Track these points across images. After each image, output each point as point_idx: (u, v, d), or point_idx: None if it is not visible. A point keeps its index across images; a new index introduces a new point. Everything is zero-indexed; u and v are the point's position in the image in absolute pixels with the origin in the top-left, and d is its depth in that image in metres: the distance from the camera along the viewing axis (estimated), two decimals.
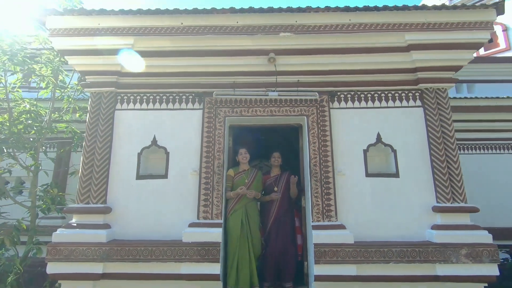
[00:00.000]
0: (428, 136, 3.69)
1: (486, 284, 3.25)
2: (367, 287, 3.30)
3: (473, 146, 6.25)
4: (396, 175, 3.64)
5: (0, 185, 4.81)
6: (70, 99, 5.33)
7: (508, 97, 6.08)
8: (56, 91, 5.20)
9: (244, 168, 3.96)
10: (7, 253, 4.45)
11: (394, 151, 3.70)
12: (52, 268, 3.36)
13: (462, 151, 6.19)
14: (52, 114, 5.13)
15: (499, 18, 10.18)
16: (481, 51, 10.85)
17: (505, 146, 6.21)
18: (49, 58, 4.97)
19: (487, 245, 3.23)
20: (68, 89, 5.42)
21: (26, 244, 4.56)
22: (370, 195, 3.59)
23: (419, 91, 3.84)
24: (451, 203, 3.47)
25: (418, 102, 3.82)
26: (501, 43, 10.41)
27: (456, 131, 6.08)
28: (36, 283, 4.90)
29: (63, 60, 4.92)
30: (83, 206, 3.61)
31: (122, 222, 3.63)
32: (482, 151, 6.25)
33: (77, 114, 5.63)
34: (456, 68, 3.78)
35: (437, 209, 3.46)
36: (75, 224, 3.54)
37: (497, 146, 6.24)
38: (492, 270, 3.18)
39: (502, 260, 4.32)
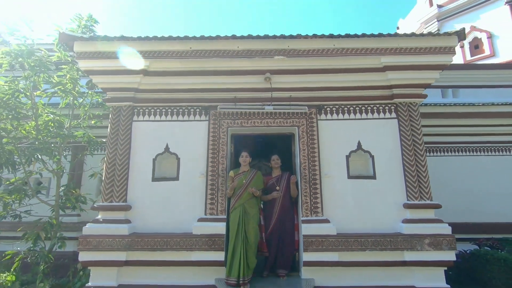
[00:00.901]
0: (401, 144, 4.34)
1: (445, 268, 3.91)
2: (347, 271, 3.95)
3: (448, 149, 6.91)
4: (373, 177, 4.28)
5: (33, 187, 5.44)
6: (86, 108, 5.92)
7: (476, 104, 6.70)
8: (75, 102, 5.81)
9: (244, 169, 4.35)
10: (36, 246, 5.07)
11: (372, 156, 4.34)
12: (83, 256, 4.00)
13: (437, 153, 6.86)
14: (71, 122, 5.76)
15: (485, 26, 10.80)
16: (468, 57, 11.46)
17: (477, 148, 6.87)
18: (68, 72, 5.56)
19: (446, 236, 3.88)
20: (84, 98, 6.01)
21: (51, 238, 5.17)
22: (351, 194, 4.23)
23: (394, 105, 4.48)
24: (419, 201, 4.12)
25: (393, 115, 4.46)
26: (486, 49, 10.99)
27: (431, 135, 6.78)
28: (60, 273, 5.55)
29: (81, 73, 5.54)
30: (108, 204, 4.24)
31: (140, 218, 4.26)
32: (457, 153, 6.91)
33: (93, 121, 6.24)
34: (425, 86, 4.42)
35: (407, 206, 4.12)
36: (101, 220, 4.18)
37: (470, 149, 6.89)
38: (450, 256, 3.83)
39: (469, 250, 4.99)
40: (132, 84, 4.50)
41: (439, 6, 12.12)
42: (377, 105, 4.50)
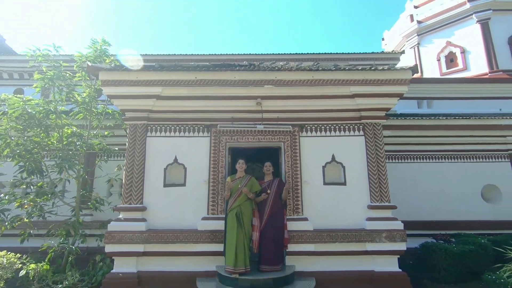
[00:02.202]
0: (367, 156, 5.35)
1: (398, 256, 4.93)
2: (321, 259, 4.95)
3: (416, 156, 7.97)
4: (344, 183, 5.29)
5: (51, 189, 6.34)
6: (100, 120, 6.77)
7: (440, 118, 7.76)
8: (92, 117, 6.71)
9: (239, 175, 5.01)
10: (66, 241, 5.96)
11: (344, 167, 5.35)
12: (109, 248, 4.94)
13: (407, 160, 7.93)
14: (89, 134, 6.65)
15: (459, 42, 11.89)
16: (444, 70, 12.55)
17: (441, 156, 7.96)
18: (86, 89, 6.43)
19: (399, 231, 4.92)
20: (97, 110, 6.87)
21: (73, 235, 6.06)
22: (326, 198, 5.24)
23: (362, 125, 5.49)
24: (379, 203, 5.15)
25: (361, 132, 5.48)
26: (460, 63, 12.10)
27: (403, 144, 7.81)
28: (80, 265, 6.44)
29: (97, 89, 6.42)
30: (128, 206, 5.18)
31: (154, 217, 5.21)
32: (424, 160, 7.98)
33: (106, 132, 7.13)
34: (386, 109, 5.44)
35: (370, 207, 5.14)
36: (123, 218, 5.12)
37: (435, 156, 7.97)
38: (402, 246, 4.87)
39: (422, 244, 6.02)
40: (147, 106, 5.44)
41: (419, 22, 13.21)
42: (348, 125, 5.51)
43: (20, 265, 4.99)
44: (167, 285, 4.80)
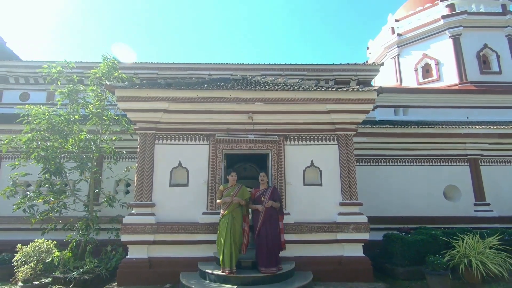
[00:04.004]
0: (340, 162, 6.44)
1: (363, 244, 6.04)
2: (301, 246, 6.01)
3: (388, 160, 9.12)
4: (320, 184, 6.37)
5: (72, 188, 7.27)
6: (108, 127, 7.69)
7: (409, 127, 8.90)
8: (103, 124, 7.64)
9: (231, 184, 5.62)
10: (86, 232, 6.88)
11: (320, 171, 6.42)
12: (124, 237, 5.93)
13: (380, 164, 9.07)
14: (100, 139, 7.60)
15: (434, 54, 13.08)
16: (420, 79, 13.74)
17: (409, 160, 9.13)
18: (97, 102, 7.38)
19: (364, 223, 6.02)
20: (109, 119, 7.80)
21: (88, 228, 7.00)
22: (305, 196, 6.30)
23: (336, 135, 6.57)
24: (349, 201, 6.24)
25: (335, 142, 6.56)
26: (434, 74, 13.31)
27: (376, 149, 8.92)
28: (94, 254, 7.39)
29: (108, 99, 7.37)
30: (139, 203, 6.17)
31: (162, 212, 6.19)
32: (394, 163, 9.14)
33: (114, 138, 8.07)
34: (356, 123, 6.54)
35: (341, 204, 6.23)
36: (135, 213, 6.11)
37: (403, 160, 9.14)
38: (365, 236, 5.98)
39: (384, 235, 7.14)
40: (156, 119, 6.42)
41: (399, 35, 14.39)
42: (325, 135, 6.59)
43: (57, 252, 5.89)
44: (173, 268, 5.81)
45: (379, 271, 6.38)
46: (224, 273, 5.14)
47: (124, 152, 8.22)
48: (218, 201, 5.65)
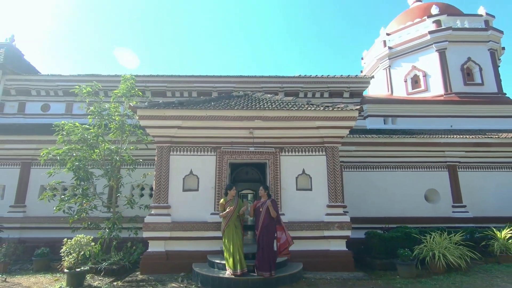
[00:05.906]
0: (327, 170, 7.55)
1: (346, 239, 7.15)
2: (295, 242, 7.12)
3: (376, 166, 10.21)
4: (311, 189, 7.49)
5: (93, 192, 8.43)
6: (127, 137, 8.84)
7: (393, 137, 9.99)
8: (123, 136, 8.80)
9: (230, 198, 6.37)
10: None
11: (311, 178, 7.54)
12: (146, 234, 7.09)
13: (368, 170, 10.16)
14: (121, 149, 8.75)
15: (422, 66, 14.14)
16: (409, 90, 14.77)
17: (394, 166, 10.21)
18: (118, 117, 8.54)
19: (346, 223, 7.14)
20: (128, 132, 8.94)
21: (110, 228, 8.14)
22: (298, 199, 7.42)
23: (324, 147, 7.69)
24: (334, 203, 7.36)
25: (324, 153, 7.68)
26: (422, 85, 14.34)
27: (360, 156, 10.01)
28: (118, 250, 8.53)
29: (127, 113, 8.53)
30: (158, 205, 7.33)
31: (176, 213, 7.34)
32: (381, 169, 10.22)
33: (131, 147, 9.23)
34: (342, 137, 7.66)
35: (328, 206, 7.35)
36: (154, 213, 7.26)
37: (389, 166, 10.23)
38: (348, 233, 7.09)
39: (366, 232, 8.24)
40: (171, 133, 7.59)
41: (390, 48, 15.44)
42: (314, 147, 7.71)
43: (93, 245, 7.01)
44: (187, 259, 6.95)
45: (362, 264, 7.49)
46: (236, 274, 5.80)
47: (141, 160, 9.38)
48: (222, 213, 6.26)
